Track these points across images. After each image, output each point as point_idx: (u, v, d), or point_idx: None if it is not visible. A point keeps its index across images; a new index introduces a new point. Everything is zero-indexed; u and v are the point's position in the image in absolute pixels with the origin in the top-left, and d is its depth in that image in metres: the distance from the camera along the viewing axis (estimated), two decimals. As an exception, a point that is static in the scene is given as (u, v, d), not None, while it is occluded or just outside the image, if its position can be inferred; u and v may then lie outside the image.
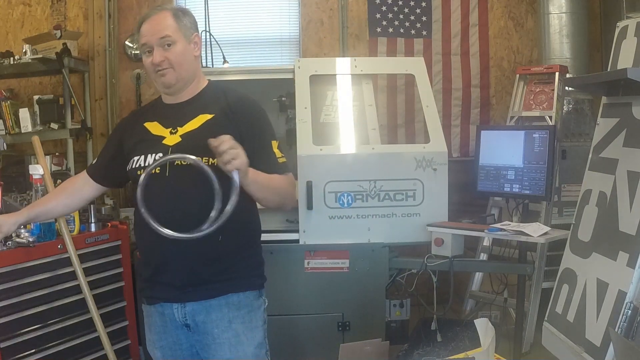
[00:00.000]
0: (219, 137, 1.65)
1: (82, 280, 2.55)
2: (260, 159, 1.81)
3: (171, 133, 1.85)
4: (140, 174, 1.80)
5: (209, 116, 1.84)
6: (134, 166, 1.87)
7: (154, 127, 1.89)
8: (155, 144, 1.85)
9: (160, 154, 1.81)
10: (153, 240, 1.79)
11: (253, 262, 1.96)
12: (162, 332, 1.92)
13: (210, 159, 1.76)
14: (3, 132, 3.78)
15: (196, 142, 1.79)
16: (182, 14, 1.87)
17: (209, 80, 1.98)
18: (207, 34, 4.05)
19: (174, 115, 1.88)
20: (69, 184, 2.10)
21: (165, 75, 1.85)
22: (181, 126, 1.85)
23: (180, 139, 1.83)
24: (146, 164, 1.83)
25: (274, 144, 1.89)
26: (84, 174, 2.07)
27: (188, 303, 1.85)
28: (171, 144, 1.83)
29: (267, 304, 1.98)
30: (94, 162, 2.09)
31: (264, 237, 3.00)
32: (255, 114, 1.91)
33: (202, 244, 1.75)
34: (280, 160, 1.88)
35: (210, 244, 1.78)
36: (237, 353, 1.85)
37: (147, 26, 1.85)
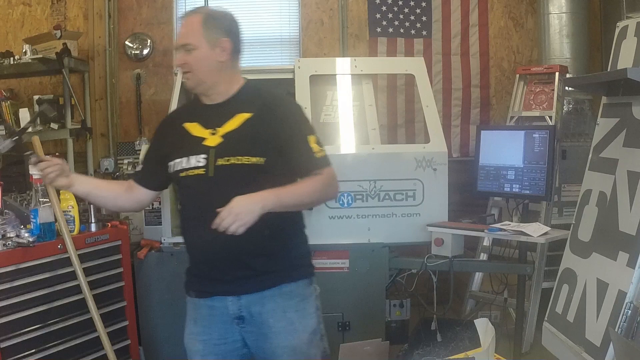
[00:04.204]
0: (225, 209, 1.69)
1: (82, 280, 2.54)
2: (297, 155, 1.87)
3: (211, 134, 1.88)
4: (183, 176, 1.87)
5: (247, 115, 1.87)
6: (176, 168, 1.91)
7: (194, 128, 1.91)
8: (196, 145, 1.88)
9: (204, 155, 1.85)
10: (204, 236, 1.83)
11: (301, 252, 2.01)
12: (208, 325, 1.94)
13: (254, 157, 1.81)
14: (3, 132, 3.78)
15: (238, 141, 1.84)
16: (212, 19, 1.88)
17: (245, 79, 2.00)
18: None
19: (212, 116, 1.91)
20: (127, 184, 2.09)
21: (187, 79, 1.90)
22: (220, 126, 1.88)
23: (222, 139, 1.86)
24: (189, 165, 1.87)
25: (312, 139, 1.89)
26: (135, 184, 2.06)
27: (243, 296, 1.89)
28: (213, 144, 1.86)
29: (318, 291, 2.02)
30: (138, 168, 2.10)
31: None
32: (291, 111, 1.95)
33: (251, 238, 1.77)
34: (318, 154, 1.88)
35: (258, 237, 1.81)
36: (292, 340, 1.90)
37: (179, 28, 1.91)
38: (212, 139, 1.87)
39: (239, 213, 1.68)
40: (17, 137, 2.00)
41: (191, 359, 1.98)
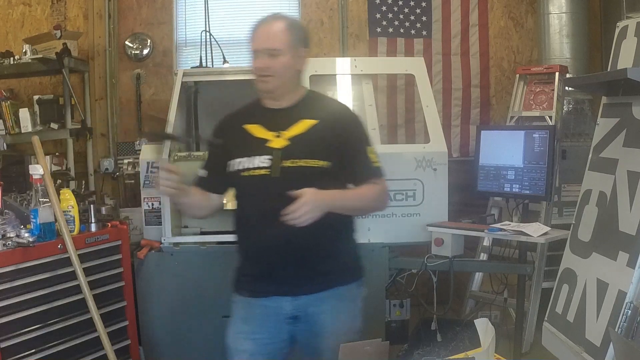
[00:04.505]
0: (301, 199, 1.73)
1: (82, 280, 2.55)
2: (357, 163, 1.97)
3: (276, 136, 1.93)
4: (245, 175, 1.92)
5: (313, 121, 1.95)
6: (237, 168, 1.94)
7: (256, 130, 1.96)
8: (260, 146, 1.93)
9: (268, 156, 1.90)
10: (265, 236, 1.89)
11: (355, 255, 2.09)
12: (261, 324, 1.98)
13: (320, 161, 1.89)
14: (3, 132, 3.78)
15: (302, 146, 1.91)
16: (296, 28, 1.96)
17: (306, 88, 2.10)
18: (207, 34, 4.05)
19: (276, 120, 1.96)
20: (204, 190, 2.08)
21: (266, 82, 1.93)
22: (285, 130, 1.93)
23: (288, 142, 1.92)
24: (252, 166, 1.91)
25: (370, 149, 2.00)
26: (200, 189, 2.05)
27: (300, 296, 1.95)
28: (278, 146, 1.91)
29: (365, 293, 2.10)
30: (201, 174, 2.08)
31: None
32: (354, 121, 2.04)
33: (314, 240, 1.86)
34: (375, 165, 1.99)
35: (319, 238, 1.88)
36: (341, 340, 1.94)
37: (259, 32, 1.94)
38: (277, 141, 1.92)
39: (311, 206, 1.74)
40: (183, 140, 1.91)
41: (237, 358, 2.01)
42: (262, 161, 1.90)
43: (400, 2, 4.51)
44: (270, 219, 1.78)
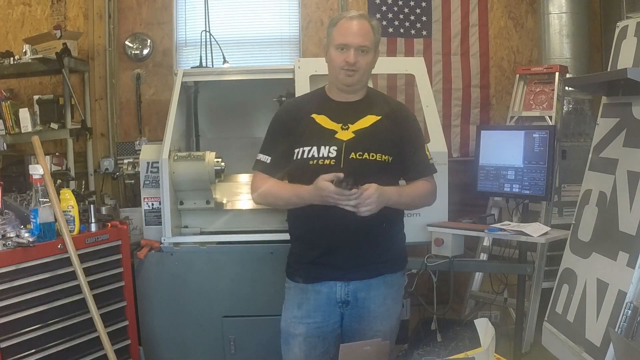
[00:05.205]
0: (367, 192, 1.85)
1: (82, 280, 2.54)
2: (416, 161, 2.10)
3: (342, 128, 2.02)
4: (313, 164, 1.99)
5: (376, 117, 2.06)
6: (305, 156, 2.00)
7: (324, 121, 2.05)
8: (328, 137, 2.01)
9: (335, 147, 1.98)
10: (324, 226, 1.99)
11: (403, 245, 2.23)
12: (314, 309, 2.07)
13: (384, 155, 2.00)
14: (3, 132, 3.78)
15: (368, 140, 2.01)
16: (378, 30, 2.10)
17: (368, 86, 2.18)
18: (207, 34, 4.05)
19: (344, 112, 2.06)
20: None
21: (351, 76, 2.02)
22: (352, 123, 2.03)
23: (353, 135, 2.01)
24: (320, 155, 1.98)
25: (426, 147, 2.16)
26: (268, 177, 2.08)
27: (352, 282, 2.06)
28: (344, 139, 2.00)
29: (406, 281, 2.24)
30: (264, 159, 2.09)
31: (264, 236, 3.01)
32: (413, 120, 2.17)
33: (369, 229, 1.98)
34: (430, 162, 2.15)
35: (376, 229, 2.01)
36: (385, 325, 2.10)
37: (352, 28, 2.00)
38: (344, 134, 2.00)
39: (375, 200, 1.86)
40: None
41: (292, 342, 2.08)
42: (329, 152, 1.98)
43: (400, 2, 4.51)
44: (332, 208, 1.87)
